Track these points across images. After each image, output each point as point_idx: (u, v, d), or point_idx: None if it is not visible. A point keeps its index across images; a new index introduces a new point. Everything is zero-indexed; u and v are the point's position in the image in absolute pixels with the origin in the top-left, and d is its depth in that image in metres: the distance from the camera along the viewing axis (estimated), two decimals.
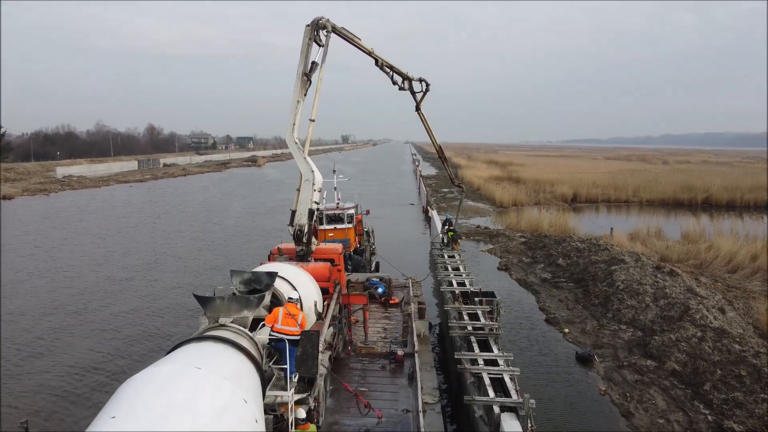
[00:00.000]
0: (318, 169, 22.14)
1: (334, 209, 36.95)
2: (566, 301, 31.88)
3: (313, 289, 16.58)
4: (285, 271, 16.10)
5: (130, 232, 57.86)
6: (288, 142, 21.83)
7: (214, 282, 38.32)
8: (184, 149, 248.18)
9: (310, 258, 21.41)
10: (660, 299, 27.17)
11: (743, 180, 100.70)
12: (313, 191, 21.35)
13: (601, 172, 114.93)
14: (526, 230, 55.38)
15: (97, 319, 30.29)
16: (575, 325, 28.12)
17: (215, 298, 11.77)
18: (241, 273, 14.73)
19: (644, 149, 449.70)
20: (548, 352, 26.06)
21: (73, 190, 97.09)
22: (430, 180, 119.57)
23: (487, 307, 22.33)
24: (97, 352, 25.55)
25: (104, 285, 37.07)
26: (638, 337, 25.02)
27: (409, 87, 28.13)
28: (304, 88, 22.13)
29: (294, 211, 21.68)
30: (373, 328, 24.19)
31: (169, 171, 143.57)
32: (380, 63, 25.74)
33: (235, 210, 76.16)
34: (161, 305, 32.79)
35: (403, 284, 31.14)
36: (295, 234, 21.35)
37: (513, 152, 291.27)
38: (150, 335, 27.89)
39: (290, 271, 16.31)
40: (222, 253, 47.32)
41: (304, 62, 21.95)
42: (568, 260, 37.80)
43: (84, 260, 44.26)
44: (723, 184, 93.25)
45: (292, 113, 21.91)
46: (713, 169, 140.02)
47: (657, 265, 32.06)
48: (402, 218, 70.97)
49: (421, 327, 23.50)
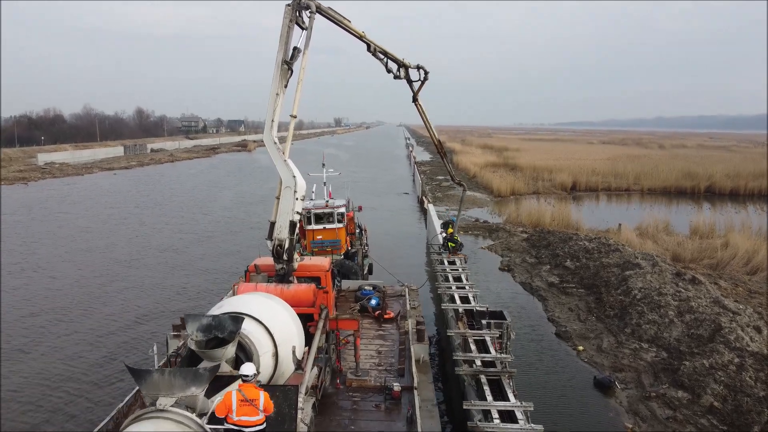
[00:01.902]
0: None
1: (322, 207, 33.88)
2: (577, 310, 29.09)
3: (293, 330, 13.61)
4: (257, 308, 13.13)
5: (110, 226, 54.58)
6: (266, 141, 18.69)
7: (202, 284, 35.45)
8: (174, 133, 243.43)
9: (292, 277, 18.41)
10: (685, 313, 24.39)
11: (745, 166, 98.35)
12: (295, 200, 18.25)
13: (600, 159, 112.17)
14: (527, 224, 52.56)
15: (79, 329, 27.62)
16: (590, 341, 25.36)
17: (152, 372, 8.80)
18: (198, 318, 11.75)
19: (638, 132, 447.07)
20: (561, 374, 23.32)
21: (54, 179, 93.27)
22: (425, 166, 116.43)
23: (497, 332, 19.47)
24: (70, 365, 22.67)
25: (82, 287, 34.10)
26: (664, 359, 22.27)
27: (406, 75, 25.10)
28: (284, 79, 18.93)
29: (273, 223, 18.60)
30: (365, 350, 21.32)
31: (156, 157, 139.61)
32: (373, 48, 22.58)
33: (223, 201, 72.89)
34: (142, 311, 29.90)
35: (398, 292, 28.28)
36: (274, 250, 18.29)
37: (507, 136, 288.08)
38: (128, 348, 25.00)
39: (263, 307, 13.32)
40: (208, 251, 44.30)
41: (284, 48, 18.70)
42: (577, 262, 34.97)
43: (57, 259, 41.09)
44: (725, 171, 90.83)
45: (270, 108, 18.74)
46: (713, 155, 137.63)
47: (677, 271, 29.28)
48: (396, 209, 67.98)
49: (421, 351, 20.68)
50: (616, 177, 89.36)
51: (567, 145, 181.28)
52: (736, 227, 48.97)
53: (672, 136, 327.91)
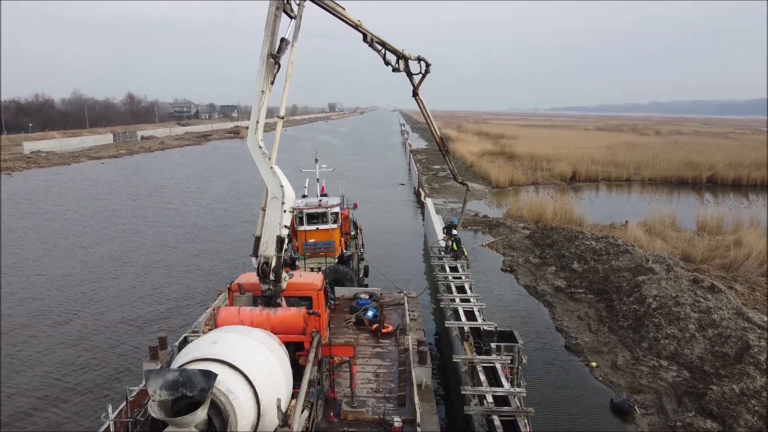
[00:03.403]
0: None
1: (315, 207, 31.81)
2: (587, 319, 27.26)
3: (280, 379, 11.62)
4: (235, 352, 11.15)
5: (94, 222, 52.38)
6: (250, 146, 16.53)
7: (189, 286, 33.25)
8: (165, 119, 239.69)
9: (280, 298, 16.41)
10: (707, 327, 22.58)
11: (746, 155, 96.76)
12: (283, 212, 16.14)
13: (599, 147, 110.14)
14: (529, 219, 50.65)
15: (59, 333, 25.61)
16: (603, 356, 23.54)
17: None
18: (162, 374, 9.75)
19: (633, 118, 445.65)
20: (573, 394, 21.52)
21: (40, 168, 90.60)
22: (421, 155, 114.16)
23: (507, 358, 17.57)
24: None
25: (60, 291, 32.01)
26: (686, 379, 20.48)
27: (405, 68, 22.93)
28: (270, 74, 16.60)
29: (258, 238, 16.51)
30: (361, 373, 19.45)
31: (146, 145, 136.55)
32: (369, 39, 20.38)
33: (214, 192, 70.61)
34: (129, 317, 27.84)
35: (396, 300, 26.41)
36: (259, 268, 16.18)
37: (502, 121, 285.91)
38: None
39: (243, 350, 11.32)
40: (197, 250, 42.24)
41: (271, 39, 16.33)
42: (585, 265, 33.08)
43: (35, 257, 38.96)
44: (726, 160, 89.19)
45: (255, 108, 16.53)
46: (712, 142, 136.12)
47: (694, 277, 27.44)
48: (392, 202, 65.97)
49: (423, 376, 18.76)
50: (616, 166, 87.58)
51: (563, 132, 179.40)
52: (745, 223, 47.30)
53: (668, 122, 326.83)
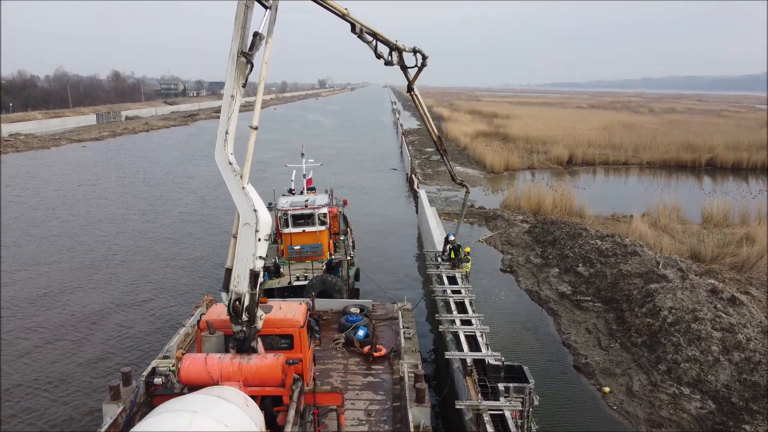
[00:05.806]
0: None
1: (301, 208, 29.38)
2: (596, 332, 25.16)
3: None
4: None
5: (72, 217, 49.66)
6: (218, 162, 13.90)
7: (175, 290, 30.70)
8: (152, 97, 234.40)
9: (256, 341, 14.02)
10: (732, 350, 20.53)
11: (743, 136, 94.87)
12: (257, 241, 13.65)
13: (595, 128, 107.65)
14: (527, 210, 48.40)
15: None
16: (617, 379, 21.47)
17: None
18: None
19: (626, 94, 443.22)
20: (586, 426, 19.47)
21: (18, 153, 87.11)
22: (413, 135, 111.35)
23: (518, 401, 15.40)
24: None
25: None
26: (712, 412, 18.45)
27: (399, 61, 20.37)
28: (242, 75, 13.93)
29: (229, 270, 14.05)
30: (351, 410, 17.29)
31: (131, 126, 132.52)
32: (359, 29, 17.75)
33: (200, 180, 67.79)
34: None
35: (389, 313, 24.20)
36: (230, 306, 13.73)
37: (495, 98, 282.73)
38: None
39: None
40: (180, 250, 39.79)
41: (241, 34, 13.65)
42: (591, 268, 30.89)
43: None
44: (725, 142, 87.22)
45: (223, 117, 13.86)
46: (708, 121, 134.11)
47: (712, 287, 25.32)
48: (384, 189, 63.43)
49: (421, 416, 16.52)
50: (613, 149, 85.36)
51: (557, 110, 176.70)
52: (752, 214, 45.37)
53: (661, 99, 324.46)
